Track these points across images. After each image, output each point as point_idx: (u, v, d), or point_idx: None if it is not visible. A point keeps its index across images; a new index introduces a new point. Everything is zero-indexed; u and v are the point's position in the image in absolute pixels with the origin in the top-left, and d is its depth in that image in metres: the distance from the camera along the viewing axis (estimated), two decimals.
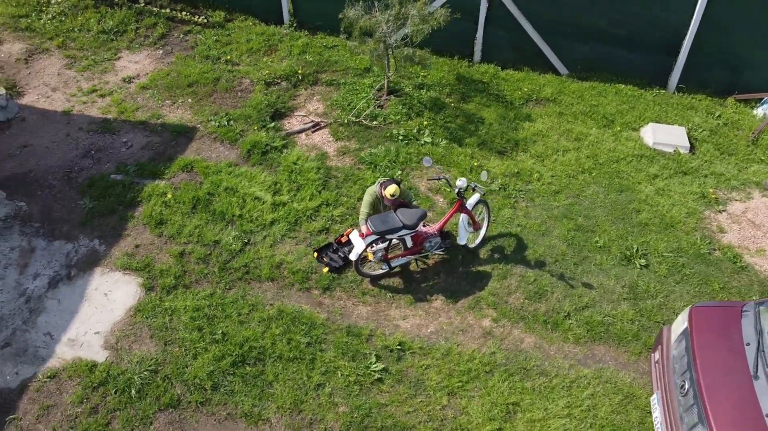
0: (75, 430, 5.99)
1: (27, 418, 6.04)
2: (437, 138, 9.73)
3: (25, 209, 8.00)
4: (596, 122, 10.36)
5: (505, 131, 10.00)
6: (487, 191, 8.95)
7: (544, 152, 9.73)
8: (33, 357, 6.49)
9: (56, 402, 6.18)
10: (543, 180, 9.27)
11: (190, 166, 8.77)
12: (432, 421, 6.45)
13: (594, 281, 7.96)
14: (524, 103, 10.65)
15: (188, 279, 7.42)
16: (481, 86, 10.82)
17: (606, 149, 9.85)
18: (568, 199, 9.03)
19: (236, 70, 10.63)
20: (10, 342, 6.56)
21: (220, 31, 11.43)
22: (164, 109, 9.79)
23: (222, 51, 10.98)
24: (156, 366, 6.54)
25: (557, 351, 7.24)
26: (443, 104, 10.33)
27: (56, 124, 9.37)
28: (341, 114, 9.98)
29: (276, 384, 6.56)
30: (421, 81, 10.75)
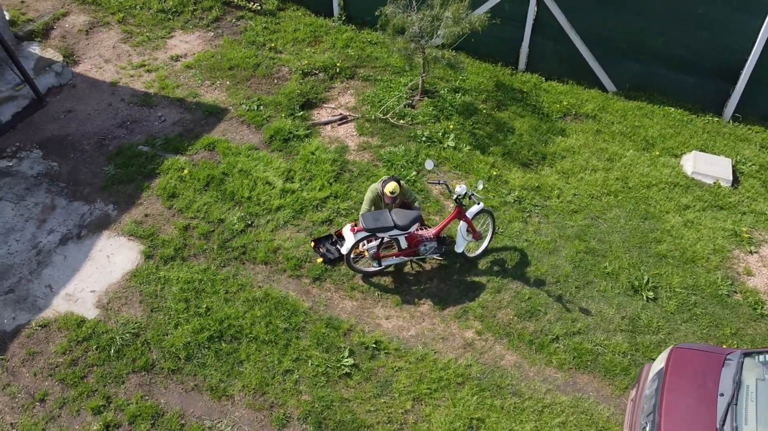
0: (53, 378, 6.41)
1: (13, 360, 6.52)
2: (461, 143, 9.60)
3: (56, 169, 8.59)
4: (635, 144, 9.88)
5: (534, 143, 9.72)
6: (501, 203, 8.76)
7: (571, 169, 9.39)
8: (31, 306, 6.98)
9: (42, 350, 6.62)
10: (563, 197, 8.96)
11: (213, 145, 9.10)
12: (391, 423, 6.42)
13: (593, 307, 7.63)
14: (561, 117, 10.31)
15: (187, 252, 7.73)
16: (520, 95, 10.57)
17: (638, 173, 9.38)
18: (585, 220, 8.68)
19: (278, 57, 10.91)
20: (14, 290, 7.08)
21: (270, 19, 11.75)
22: (202, 88, 10.20)
23: (268, 38, 11.30)
24: (138, 330, 6.87)
25: (537, 373, 7.00)
26: (476, 110, 10.18)
27: (102, 93, 9.97)
28: (370, 110, 10.03)
29: (247, 363, 6.73)
30: (459, 85, 10.63)
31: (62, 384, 6.36)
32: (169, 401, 6.39)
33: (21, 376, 6.40)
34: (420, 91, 10.39)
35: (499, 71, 11.05)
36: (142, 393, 6.41)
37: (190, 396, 6.45)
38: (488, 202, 8.74)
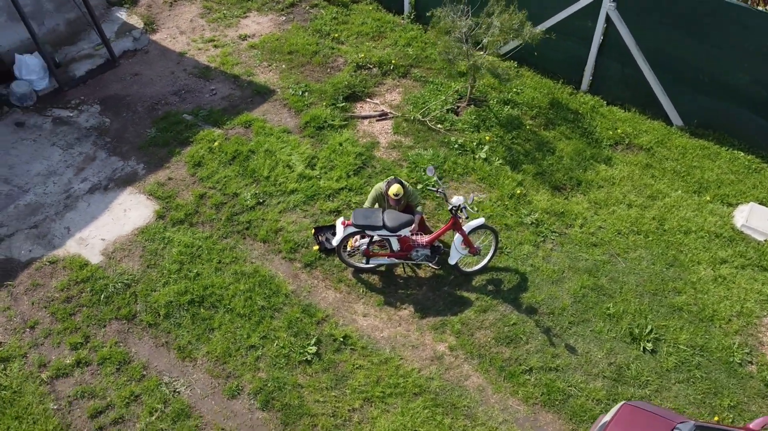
0: (47, 310, 7.06)
1: (19, 287, 7.25)
2: (494, 156, 9.34)
3: (107, 125, 9.37)
4: (686, 185, 9.13)
5: (572, 168, 9.27)
6: (516, 222, 8.45)
7: (605, 200, 8.86)
8: (47, 243, 7.71)
9: (45, 283, 7.31)
10: (586, 228, 8.49)
11: (250, 123, 9.51)
12: (335, 418, 6.46)
13: (580, 347, 7.20)
14: (612, 145, 9.73)
15: (196, 218, 8.17)
16: (573, 117, 10.09)
17: (679, 216, 8.67)
18: (602, 256, 8.18)
19: (337, 48, 11.14)
20: (38, 226, 7.85)
21: (342, 11, 12.01)
22: (258, 68, 10.66)
23: (334, 28, 11.56)
24: (131, 282, 7.38)
25: (498, 401, 6.73)
26: (521, 125, 9.85)
27: (168, 61, 10.71)
28: (411, 110, 10.02)
29: (218, 331, 7.03)
30: (511, 97, 10.33)
31: (53, 317, 7.00)
32: (139, 351, 6.83)
33: (21, 303, 7.11)
34: (467, 99, 10.21)
35: (559, 89, 10.60)
36: (118, 339, 6.90)
37: (159, 351, 6.85)
38: (503, 219, 8.47)
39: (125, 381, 6.53)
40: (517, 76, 10.85)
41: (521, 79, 10.81)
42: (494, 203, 8.67)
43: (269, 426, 6.36)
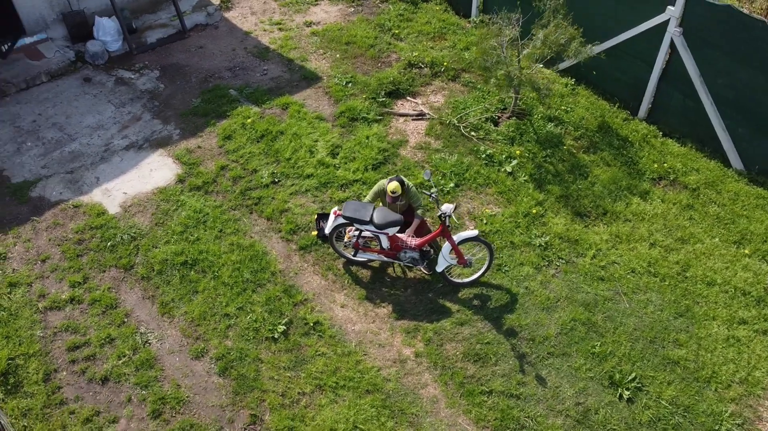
0: (59, 247, 7.75)
1: (42, 224, 8.00)
2: (521, 172, 9.05)
3: (160, 90, 10.06)
4: (726, 233, 8.39)
5: (602, 196, 8.79)
6: (523, 242, 8.16)
7: (628, 235, 8.34)
8: (77, 189, 8.45)
9: (64, 224, 8.02)
10: (597, 260, 8.04)
11: (287, 105, 9.83)
12: (283, 397, 6.61)
13: (551, 380, 6.86)
14: (654, 179, 9.11)
15: (212, 188, 8.60)
16: (620, 143, 9.55)
17: (707, 266, 7.99)
18: (606, 292, 7.72)
19: (394, 44, 11.22)
20: (73, 172, 8.62)
21: (409, 8, 12.06)
22: (313, 55, 10.97)
23: (397, 25, 11.64)
24: (137, 236, 7.93)
25: (449, 416, 6.58)
26: (559, 143, 9.46)
27: (233, 39, 11.28)
28: (449, 114, 9.91)
29: (200, 295, 7.39)
30: (558, 114, 9.94)
31: (62, 254, 7.68)
32: (127, 300, 7.34)
33: (40, 237, 7.86)
34: (510, 110, 9.95)
35: (613, 113, 10.06)
36: (112, 285, 7.45)
37: (143, 303, 7.33)
38: (510, 237, 8.20)
39: (107, 324, 7.06)
40: (571, 94, 10.42)
41: (575, 97, 10.36)
42: (506, 219, 8.42)
43: (221, 391, 6.63)
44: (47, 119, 9.37)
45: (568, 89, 10.53)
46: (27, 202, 8.21)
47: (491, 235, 8.24)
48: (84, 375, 6.64)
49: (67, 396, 6.47)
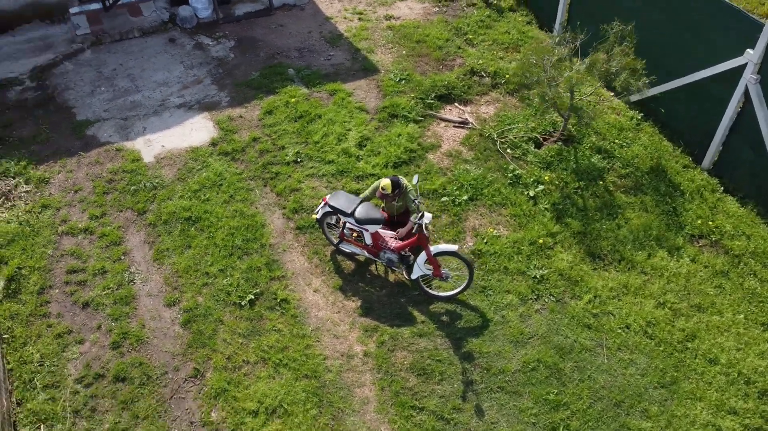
0: (92, 182, 8.63)
1: (86, 159, 8.92)
2: (544, 199, 8.61)
3: (228, 59, 10.76)
4: (755, 312, 7.46)
5: (625, 241, 8.14)
6: (517, 270, 7.79)
7: (638, 289, 7.67)
8: (124, 135, 9.32)
9: (103, 163, 8.91)
10: (592, 306, 7.49)
11: (335, 92, 10.08)
12: (228, 361, 6.89)
13: (491, 415, 6.55)
14: (693, 236, 8.28)
15: (239, 156, 9.09)
16: (668, 191, 8.75)
17: (716, 341, 7.17)
18: (588, 341, 7.19)
19: (464, 49, 11.05)
20: (126, 119, 9.52)
21: (493, 15, 11.79)
22: (380, 48, 11.11)
23: (474, 30, 11.44)
24: (158, 186, 8.61)
25: (373, 420, 6.52)
26: (599, 178, 8.87)
27: (313, 21, 11.73)
28: (492, 127, 9.62)
29: (191, 250, 7.90)
30: (610, 147, 9.31)
31: (93, 189, 8.56)
32: (130, 240, 8.05)
33: (80, 171, 8.82)
34: (558, 134, 9.45)
35: (673, 157, 9.23)
36: (122, 224, 8.21)
37: (142, 246, 7.99)
38: (506, 262, 7.87)
39: (105, 257, 7.80)
40: (634, 129, 9.68)
41: (637, 133, 9.62)
42: (509, 243, 8.08)
43: (177, 341, 7.09)
44: (125, 69, 10.42)
45: (632, 123, 9.78)
46: (81, 138, 9.24)
47: (488, 256, 7.96)
48: (71, 296, 7.41)
49: (51, 310, 7.29)
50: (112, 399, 6.61)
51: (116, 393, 6.65)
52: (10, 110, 9.62)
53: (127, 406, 6.55)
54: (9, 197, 8.36)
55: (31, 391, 6.58)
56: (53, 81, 10.13)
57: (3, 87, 9.99)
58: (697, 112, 9.06)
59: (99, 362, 6.88)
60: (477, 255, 7.99)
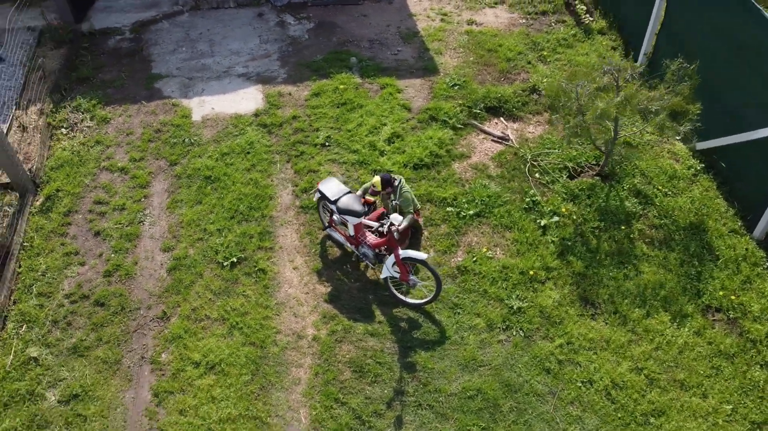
0: (142, 130, 9.52)
1: (145, 108, 9.84)
2: (555, 231, 8.15)
3: (302, 39, 11.25)
4: (749, 406, 6.60)
5: (627, 295, 7.52)
6: (496, 297, 7.48)
7: (619, 347, 7.09)
8: (183, 92, 10.14)
9: (157, 114, 9.78)
10: (558, 352, 7.06)
11: (385, 85, 10.18)
12: (193, 312, 7.38)
13: (408, 428, 6.42)
14: (706, 307, 7.46)
15: (275, 130, 9.54)
16: (700, 252, 7.93)
17: (686, 426, 6.43)
18: (541, 386, 6.81)
19: (533, 65, 10.62)
20: (191, 79, 10.35)
21: (578, 35, 11.18)
22: (449, 51, 11.00)
23: (552, 47, 10.94)
24: (194, 144, 9.29)
25: (296, 401, 6.68)
26: (625, 222, 8.22)
27: (395, 16, 11.87)
28: (530, 149, 9.20)
29: (200, 206, 8.48)
30: (651, 193, 8.56)
31: (141, 135, 9.46)
32: (155, 186, 8.81)
33: (137, 118, 9.76)
34: (599, 169, 8.83)
35: (723, 218, 8.30)
36: (154, 171, 9.00)
37: (162, 194, 8.72)
38: (487, 286, 7.60)
39: (129, 196, 8.64)
40: (689, 179, 8.79)
41: (690, 184, 8.75)
42: (498, 267, 7.77)
43: (158, 283, 7.71)
44: (209, 35, 11.32)
45: (689, 172, 8.87)
46: (148, 89, 10.23)
47: (471, 275, 7.72)
48: (89, 223, 8.33)
49: (68, 231, 8.25)
50: (86, 319, 7.39)
51: (92, 315, 7.42)
52: (104, 55, 10.89)
53: (96, 328, 7.30)
54: (74, 129, 9.52)
55: (27, 295, 7.55)
56: (146, 36, 11.28)
57: (106, 35, 11.31)
58: (760, 172, 8.02)
59: (89, 285, 7.70)
60: (461, 271, 7.78)
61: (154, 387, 6.83)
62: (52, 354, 7.07)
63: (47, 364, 6.98)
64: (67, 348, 7.13)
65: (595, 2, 11.77)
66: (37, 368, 6.94)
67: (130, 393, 6.81)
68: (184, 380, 6.87)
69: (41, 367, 6.95)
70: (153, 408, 6.69)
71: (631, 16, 10.81)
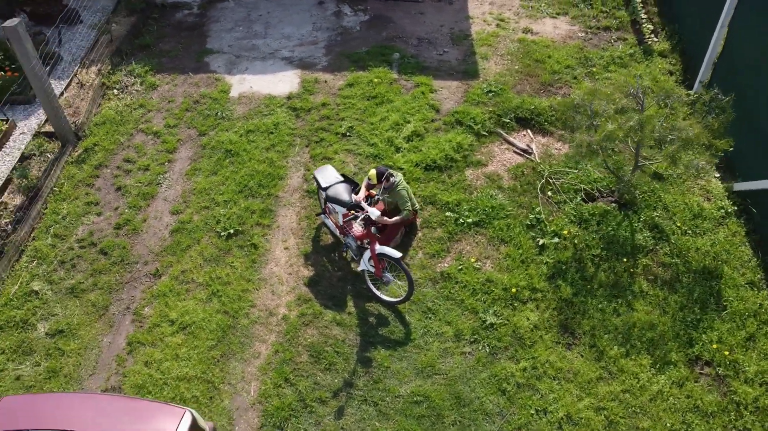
0: (182, 99, 10.09)
1: (189, 80, 10.42)
2: (552, 253, 7.86)
3: (353, 31, 11.42)
4: None
5: (610, 332, 7.15)
6: (470, 308, 7.34)
7: (585, 384, 6.79)
8: (228, 68, 10.62)
9: (199, 86, 10.31)
10: (520, 375, 6.84)
11: (420, 84, 10.15)
12: (182, 273, 7.80)
13: (346, 421, 6.51)
14: (695, 360, 6.91)
15: (303, 114, 9.80)
16: (705, 299, 7.39)
17: None
18: (492, 405, 6.66)
19: (579, 81, 10.19)
20: (238, 57, 10.81)
21: (636, 55, 10.59)
22: (495, 56, 10.77)
23: (604, 65, 10.45)
24: (226, 117, 9.74)
25: (251, 374, 6.92)
26: (628, 254, 7.77)
27: (451, 18, 11.76)
28: (550, 165, 8.86)
29: (215, 177, 8.91)
30: (670, 229, 8.02)
31: (180, 104, 10.03)
32: (180, 153, 9.34)
33: (181, 87, 10.33)
34: (617, 195, 8.37)
35: (744, 267, 7.67)
36: (182, 138, 9.54)
37: (185, 161, 9.22)
38: (466, 296, 7.45)
39: (155, 158, 9.22)
40: (716, 220, 8.15)
41: (717, 226, 8.13)
42: (482, 280, 7.60)
43: (160, 243, 8.20)
44: (267, 17, 11.76)
45: (718, 213, 8.22)
46: (198, 62, 10.81)
47: (452, 283, 7.61)
48: (114, 179, 8.99)
49: (95, 183, 8.95)
50: (89, 264, 8.01)
51: (94, 262, 8.03)
52: (168, 27, 11.63)
53: (95, 274, 7.90)
54: (124, 91, 10.28)
55: (44, 234, 8.29)
56: (211, 13, 11.91)
57: (176, 8, 12.06)
58: None
59: (99, 234, 8.33)
60: (443, 278, 7.68)
61: (129, 337, 7.31)
62: (51, 291, 7.74)
63: (45, 299, 7.65)
64: (66, 287, 7.77)
65: (663, 23, 11.08)
66: (36, 301, 7.63)
67: (108, 338, 7.33)
68: (157, 335, 7.29)
69: (39, 300, 7.63)
70: (123, 355, 7.16)
71: (693, 39, 10.10)
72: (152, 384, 6.84)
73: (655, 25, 11.13)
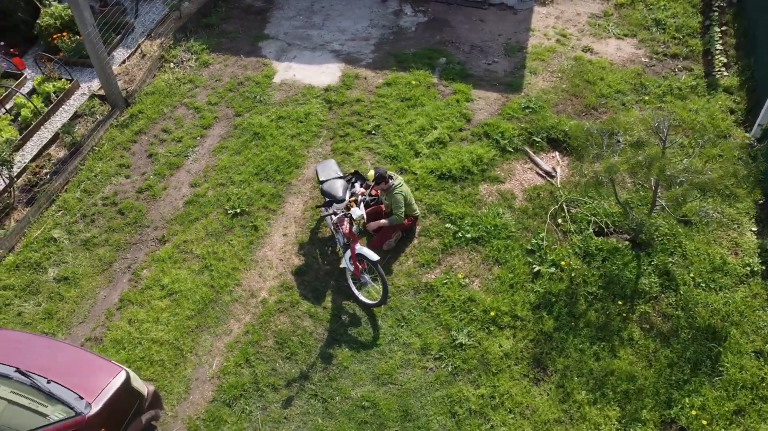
0: (228, 79, 10.54)
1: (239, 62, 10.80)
2: (545, 282, 7.56)
3: (408, 31, 11.37)
4: None
5: (583, 374, 6.80)
6: (443, 324, 7.19)
7: (543, 424, 6.46)
8: (277, 55, 10.92)
9: (246, 68, 10.67)
10: (475, 401, 6.69)
11: (458, 91, 9.95)
12: (184, 243, 8.21)
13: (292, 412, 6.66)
14: (669, 423, 6.36)
15: (335, 108, 9.92)
16: (699, 360, 6.85)
17: None
18: (438, 426, 6.49)
19: (628, 108, 9.61)
20: (289, 44, 11.08)
21: (698, 88, 9.83)
22: (546, 72, 10.35)
23: (659, 94, 9.76)
24: (263, 102, 10.05)
25: (220, 348, 7.17)
26: (629, 299, 7.28)
27: (512, 28, 11.40)
28: (568, 192, 8.43)
29: (238, 156, 9.25)
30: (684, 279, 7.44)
31: (225, 84, 10.47)
32: (215, 128, 9.76)
33: (231, 68, 10.77)
34: (633, 234, 7.85)
35: (754, 333, 6.99)
36: (219, 116, 9.96)
37: (216, 138, 9.65)
38: (445, 311, 7.31)
39: (189, 131, 9.70)
40: (738, 277, 7.45)
41: (738, 283, 7.43)
42: (465, 298, 7.42)
43: (173, 212, 8.66)
44: (329, 10, 11.96)
45: (742, 270, 7.49)
46: (252, 45, 11.22)
47: (435, 297, 7.48)
48: (148, 146, 9.58)
49: (130, 147, 9.58)
50: (106, 221, 8.61)
51: (111, 220, 8.62)
52: (236, 10, 12.14)
53: (108, 231, 8.49)
54: (179, 65, 10.89)
55: (75, 188, 9.00)
56: (280, 1, 12.31)
57: None
58: None
59: (122, 195, 8.93)
60: (426, 289, 7.57)
61: (123, 294, 7.80)
62: (68, 240, 8.40)
63: (61, 246, 8.32)
64: (82, 239, 8.41)
65: (738, 56, 10.16)
66: (53, 247, 8.32)
67: (105, 292, 7.87)
68: (146, 296, 7.74)
69: (56, 247, 8.31)
70: (113, 310, 7.67)
71: (763, 78, 9.20)
72: (128, 342, 7.28)
73: (729, 57, 10.23)
